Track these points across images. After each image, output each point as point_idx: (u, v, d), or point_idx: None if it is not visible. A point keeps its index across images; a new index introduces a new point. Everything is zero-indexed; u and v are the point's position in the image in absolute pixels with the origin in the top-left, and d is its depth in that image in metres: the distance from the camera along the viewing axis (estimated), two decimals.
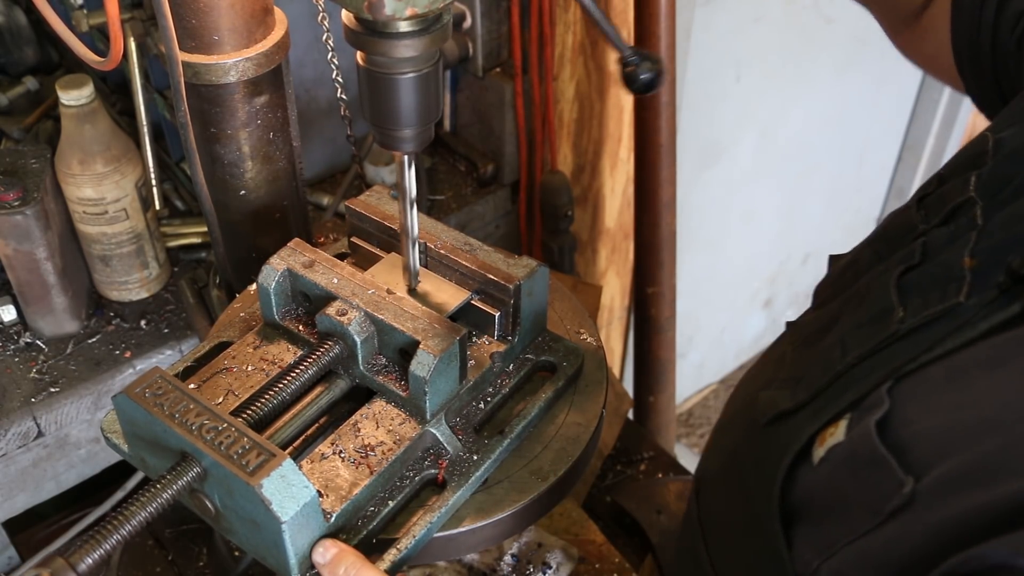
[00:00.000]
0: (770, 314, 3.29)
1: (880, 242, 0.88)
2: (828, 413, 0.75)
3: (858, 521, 0.68)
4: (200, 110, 1.11)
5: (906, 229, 0.84)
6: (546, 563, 1.27)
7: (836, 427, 0.73)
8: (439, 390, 0.91)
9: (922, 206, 0.85)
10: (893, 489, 0.65)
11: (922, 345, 0.71)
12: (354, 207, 1.08)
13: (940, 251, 0.77)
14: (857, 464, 0.69)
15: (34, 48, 1.82)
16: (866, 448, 0.68)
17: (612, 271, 2.25)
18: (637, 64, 0.93)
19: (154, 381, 0.84)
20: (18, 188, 1.33)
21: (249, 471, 0.77)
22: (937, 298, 0.72)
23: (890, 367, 0.72)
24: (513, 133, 1.85)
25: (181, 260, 1.63)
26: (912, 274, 0.78)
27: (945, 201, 0.81)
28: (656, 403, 2.20)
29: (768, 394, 0.85)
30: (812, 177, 2.92)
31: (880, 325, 0.76)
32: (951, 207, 0.79)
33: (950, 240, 0.76)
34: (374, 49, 0.81)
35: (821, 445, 0.74)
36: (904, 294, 0.76)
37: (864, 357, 0.75)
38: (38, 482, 1.45)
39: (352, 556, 0.82)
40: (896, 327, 0.74)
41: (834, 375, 0.77)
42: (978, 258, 0.72)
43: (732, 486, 0.90)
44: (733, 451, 0.91)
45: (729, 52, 2.32)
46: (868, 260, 0.88)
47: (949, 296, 0.71)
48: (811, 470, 0.74)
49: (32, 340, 1.48)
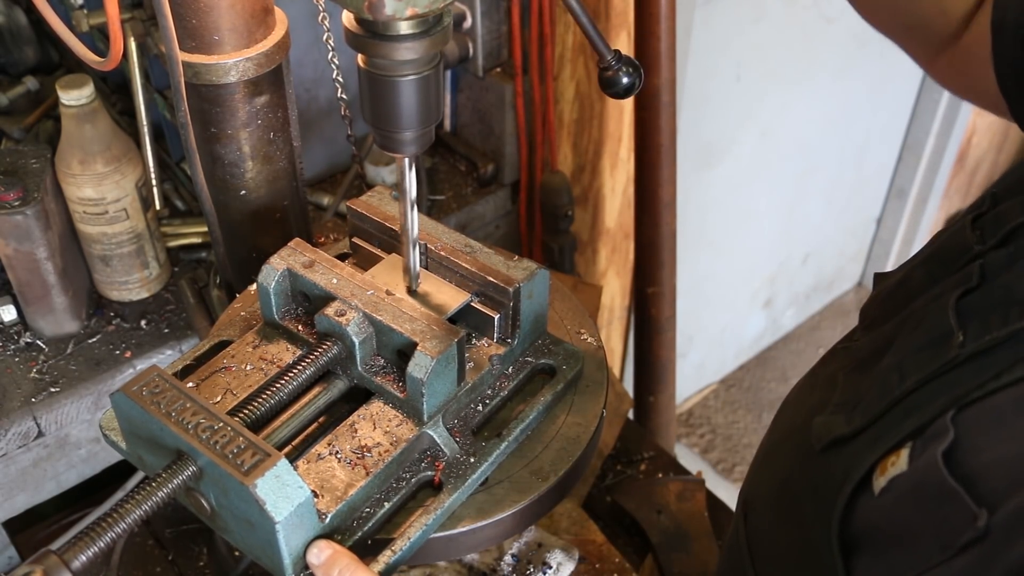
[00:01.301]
0: (770, 314, 3.29)
1: (933, 263, 0.86)
2: (889, 441, 0.72)
3: (927, 554, 0.66)
4: (200, 110, 1.11)
5: (961, 250, 0.81)
6: (546, 563, 1.27)
7: (898, 456, 0.71)
8: (436, 392, 0.91)
9: (977, 226, 0.82)
10: (966, 522, 0.63)
11: (987, 372, 0.69)
12: (355, 208, 1.08)
13: (999, 274, 0.75)
14: (924, 495, 0.67)
15: (34, 48, 1.82)
16: (934, 479, 0.66)
17: (612, 271, 2.25)
18: (618, 69, 0.94)
19: (152, 379, 0.84)
20: (18, 188, 1.33)
21: (244, 471, 0.77)
22: (999, 322, 0.70)
23: (952, 395, 0.70)
24: (513, 133, 1.85)
25: (181, 260, 1.63)
26: (970, 297, 0.75)
27: (1002, 222, 0.78)
28: (656, 403, 2.20)
29: (822, 419, 0.83)
30: (812, 177, 2.92)
31: (939, 349, 0.73)
32: (1009, 228, 0.77)
33: (1009, 262, 0.74)
34: (375, 51, 0.81)
35: (883, 474, 0.72)
36: (963, 318, 0.74)
37: (923, 382, 0.73)
38: (38, 482, 1.45)
39: (347, 558, 0.82)
40: (956, 352, 0.72)
41: (892, 400, 0.75)
42: None
43: (785, 512, 0.88)
44: (786, 477, 0.89)
45: (729, 52, 2.32)
46: (920, 281, 0.86)
47: (1011, 320, 0.69)
48: (872, 499, 0.72)
49: (32, 340, 1.48)
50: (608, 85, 0.94)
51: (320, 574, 0.82)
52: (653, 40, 1.73)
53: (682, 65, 2.06)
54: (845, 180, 3.09)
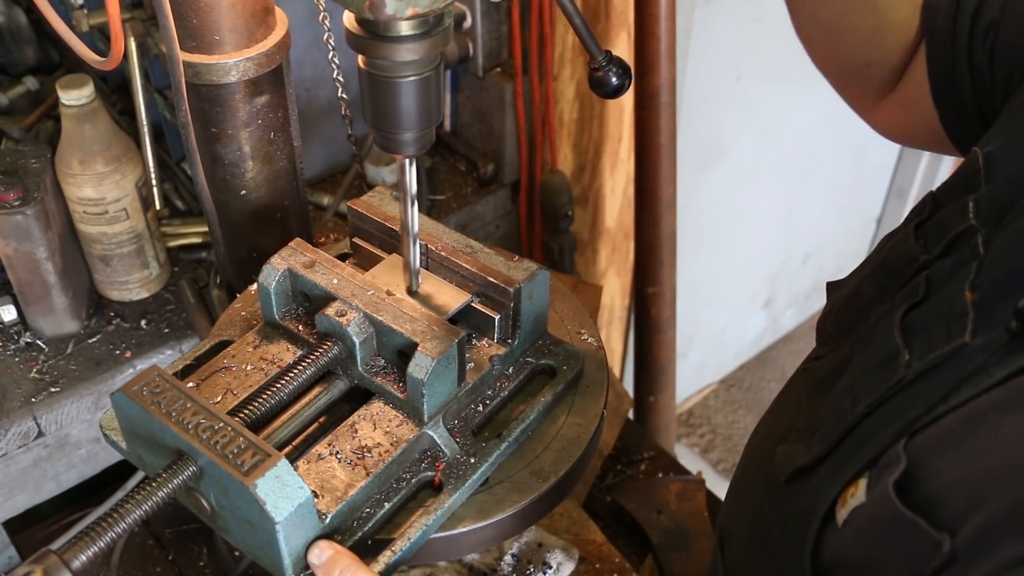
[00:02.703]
0: (770, 314, 3.29)
1: (881, 273, 0.85)
2: (848, 472, 0.72)
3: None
4: (201, 110, 1.11)
5: (907, 260, 0.81)
6: (546, 563, 1.27)
7: (856, 487, 0.70)
8: (437, 392, 0.91)
9: (920, 234, 0.81)
10: (931, 549, 0.62)
11: (935, 394, 0.68)
12: (356, 208, 1.08)
13: (943, 285, 0.74)
14: (882, 527, 0.66)
15: (34, 48, 1.82)
16: (889, 511, 0.65)
17: (612, 271, 2.25)
18: (608, 70, 0.95)
19: (152, 379, 0.84)
20: (18, 188, 1.33)
21: (244, 471, 0.77)
22: (942, 338, 0.70)
23: (904, 420, 0.69)
24: (513, 133, 1.85)
25: (181, 260, 1.63)
26: (916, 312, 0.75)
27: (944, 229, 0.78)
28: (656, 403, 2.20)
29: (785, 448, 0.83)
30: (812, 177, 2.92)
31: (887, 371, 0.73)
32: (952, 236, 0.76)
33: (952, 272, 0.73)
34: (375, 52, 0.81)
35: (844, 506, 0.71)
36: (909, 335, 0.73)
37: (874, 406, 0.73)
38: (38, 482, 1.45)
39: (347, 558, 0.82)
40: (903, 372, 0.71)
41: (846, 427, 0.74)
42: (980, 291, 0.69)
43: (758, 544, 0.88)
44: (756, 509, 0.89)
45: (729, 52, 2.32)
46: (871, 293, 0.85)
47: (954, 336, 0.69)
48: (836, 532, 0.72)
49: (32, 340, 1.48)
50: (597, 85, 0.96)
51: (321, 574, 0.82)
52: (653, 40, 1.73)
53: (682, 65, 2.06)
54: (845, 180, 3.09)
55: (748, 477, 0.94)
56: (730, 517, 0.97)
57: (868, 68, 1.00)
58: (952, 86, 0.90)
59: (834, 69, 1.05)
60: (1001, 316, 0.67)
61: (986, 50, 0.86)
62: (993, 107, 0.87)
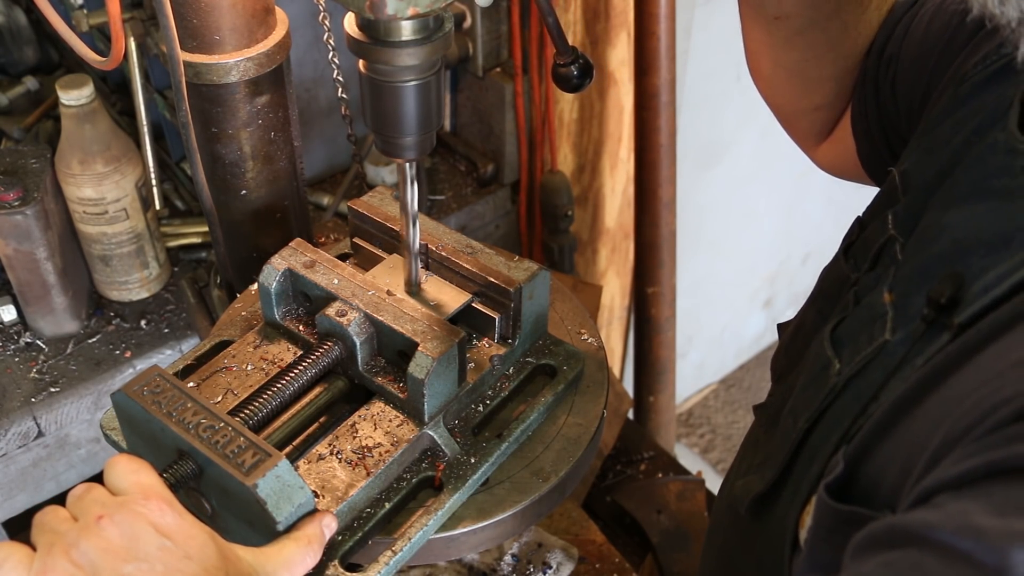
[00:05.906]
0: (770, 314, 3.29)
1: (821, 300, 0.89)
2: (803, 493, 0.74)
3: None
4: (201, 110, 1.11)
5: (840, 282, 0.84)
6: (546, 563, 1.27)
7: (810, 504, 0.72)
8: (437, 392, 0.91)
9: (850, 255, 0.85)
10: None
11: (866, 395, 0.71)
12: (356, 208, 1.08)
13: (867, 295, 0.77)
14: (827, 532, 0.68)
15: (34, 48, 1.82)
16: (828, 515, 0.67)
17: (612, 271, 2.25)
18: (571, 65, 0.97)
19: (152, 379, 0.84)
20: (18, 188, 1.33)
21: (244, 471, 0.77)
22: (866, 341, 0.73)
23: (842, 428, 0.72)
24: (513, 133, 1.85)
25: (181, 260, 1.63)
26: (843, 324, 0.78)
27: (869, 245, 0.81)
28: (656, 403, 2.20)
29: (742, 482, 0.86)
30: (812, 177, 2.91)
31: (820, 383, 0.76)
32: (875, 250, 0.80)
33: (875, 283, 0.77)
34: (376, 57, 0.81)
35: (803, 527, 0.74)
36: (838, 345, 0.77)
37: (814, 419, 0.75)
38: (38, 482, 1.45)
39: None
40: (835, 380, 0.74)
41: (792, 446, 0.77)
42: (896, 291, 0.73)
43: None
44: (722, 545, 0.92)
45: (729, 52, 2.31)
46: (813, 322, 0.88)
47: (876, 336, 0.72)
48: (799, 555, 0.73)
49: (32, 340, 1.48)
50: (560, 80, 0.98)
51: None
52: (653, 40, 1.73)
53: (682, 65, 2.06)
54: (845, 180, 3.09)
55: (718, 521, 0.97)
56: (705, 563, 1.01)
57: (816, 112, 1.05)
58: (863, 119, 0.96)
59: (785, 109, 1.11)
60: (916, 309, 0.69)
61: (888, 82, 0.91)
62: (901, 137, 0.92)
